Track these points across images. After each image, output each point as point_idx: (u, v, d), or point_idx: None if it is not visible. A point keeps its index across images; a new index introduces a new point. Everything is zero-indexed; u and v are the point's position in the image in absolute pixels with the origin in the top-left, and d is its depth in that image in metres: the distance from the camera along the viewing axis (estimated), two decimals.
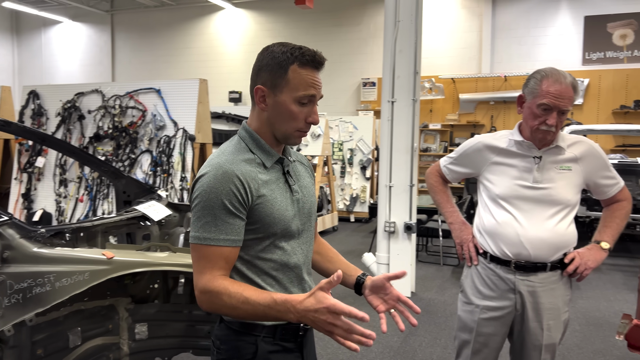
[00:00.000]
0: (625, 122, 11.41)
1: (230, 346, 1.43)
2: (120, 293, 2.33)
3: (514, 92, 12.30)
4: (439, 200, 2.35)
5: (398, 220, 5.12)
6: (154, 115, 5.70)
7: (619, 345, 4.07)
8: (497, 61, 12.71)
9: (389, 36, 5.16)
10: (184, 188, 5.50)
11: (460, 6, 13.07)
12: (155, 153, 5.66)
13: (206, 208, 1.32)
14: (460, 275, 6.09)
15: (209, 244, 1.33)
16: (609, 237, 2.11)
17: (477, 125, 12.81)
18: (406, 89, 5.07)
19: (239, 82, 15.17)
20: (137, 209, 2.71)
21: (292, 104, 1.39)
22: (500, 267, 2.11)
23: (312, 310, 1.23)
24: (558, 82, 1.94)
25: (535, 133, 2.02)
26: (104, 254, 1.96)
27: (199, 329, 2.36)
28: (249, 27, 15.28)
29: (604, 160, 2.11)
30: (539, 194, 2.04)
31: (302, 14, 14.08)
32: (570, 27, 12.14)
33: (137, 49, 16.56)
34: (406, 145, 5.08)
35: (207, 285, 1.32)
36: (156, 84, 5.79)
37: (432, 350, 3.93)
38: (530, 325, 2.10)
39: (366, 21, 13.78)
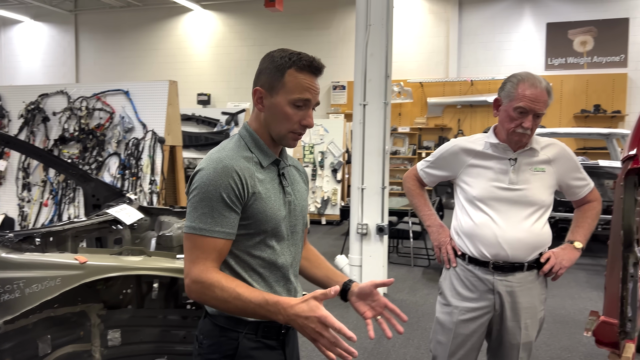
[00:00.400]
0: (586, 125, 11.79)
1: (212, 341, 1.46)
2: (92, 299, 2.27)
3: (480, 96, 12.57)
4: (417, 203, 2.38)
5: (370, 222, 5.15)
6: (122, 117, 5.58)
7: (584, 342, 4.19)
8: (464, 66, 12.97)
9: (360, 40, 5.19)
10: (153, 191, 5.41)
11: (427, 11, 13.29)
12: (124, 156, 5.54)
13: (204, 200, 1.36)
14: (430, 276, 6.20)
15: (204, 235, 1.36)
16: (581, 237, 2.18)
17: (445, 128, 13.03)
18: (377, 92, 5.11)
19: (207, 85, 15.03)
20: (109, 212, 2.64)
21: (286, 106, 1.44)
22: (478, 268, 2.14)
23: (302, 317, 1.27)
24: (534, 86, 2.00)
25: (511, 135, 2.07)
26: (76, 259, 1.90)
27: (174, 334, 2.32)
28: (217, 29, 15.15)
29: (575, 162, 2.18)
30: (515, 195, 2.09)
31: (272, 17, 14.05)
32: (533, 33, 12.49)
33: (102, 49, 16.21)
34: (378, 148, 5.11)
35: (200, 275, 1.35)
36: (124, 85, 5.68)
37: (406, 351, 3.96)
38: (509, 324, 2.14)
39: (336, 25, 13.86)
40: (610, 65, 11.94)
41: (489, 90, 12.60)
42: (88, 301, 2.25)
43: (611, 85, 11.82)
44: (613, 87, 11.83)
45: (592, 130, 8.47)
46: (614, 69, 11.89)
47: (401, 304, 5.08)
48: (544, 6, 12.35)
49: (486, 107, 12.69)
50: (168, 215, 3.48)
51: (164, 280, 2.30)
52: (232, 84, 14.93)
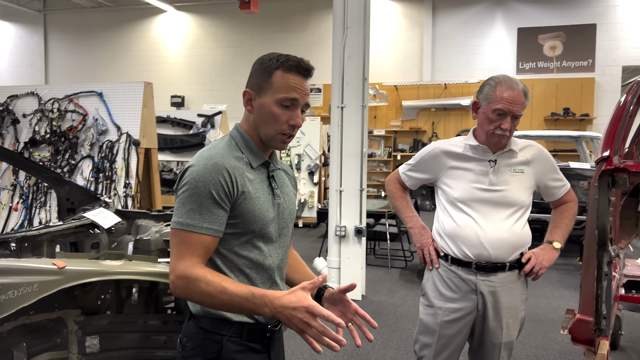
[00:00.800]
0: (556, 128, 12.08)
1: (195, 344, 1.44)
2: (69, 305, 2.21)
3: (453, 99, 12.75)
4: (399, 206, 2.40)
5: (349, 224, 5.16)
6: (95, 119, 5.47)
7: (559, 340, 4.28)
8: (438, 69, 13.14)
9: (337, 43, 5.21)
10: (128, 195, 5.31)
11: (401, 15, 13.42)
12: (97, 159, 5.44)
13: (193, 196, 1.36)
14: (408, 277, 6.24)
15: (192, 231, 1.35)
16: (560, 237, 2.22)
17: (419, 131, 13.17)
18: (355, 95, 5.14)
19: (181, 87, 14.87)
20: (86, 216, 2.58)
21: (273, 106, 1.44)
22: (461, 269, 2.16)
23: (290, 308, 1.26)
24: (511, 88, 2.04)
25: (490, 137, 2.10)
26: (54, 264, 1.85)
27: (154, 340, 2.28)
28: (191, 30, 15.01)
29: (552, 164, 2.23)
30: (495, 196, 2.12)
31: (247, 19, 14.00)
32: (504, 38, 12.73)
33: (72, 50, 15.88)
34: (356, 150, 5.14)
35: (185, 271, 1.34)
36: (98, 86, 5.57)
37: (385, 352, 3.98)
38: (491, 324, 2.17)
39: (311, 28, 13.88)
40: (578, 70, 12.25)
41: (462, 93, 12.80)
42: (65, 307, 2.20)
43: (579, 89, 12.13)
44: (581, 91, 12.14)
45: (563, 133, 8.68)
46: (582, 74, 12.21)
47: (379, 306, 5.10)
48: (515, 11, 12.61)
49: (459, 110, 12.88)
50: (145, 219, 3.43)
51: (144, 285, 2.26)
52: (207, 86, 14.81)
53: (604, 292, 2.63)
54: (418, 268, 6.57)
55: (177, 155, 6.90)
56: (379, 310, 4.95)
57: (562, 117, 12.14)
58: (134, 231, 3.36)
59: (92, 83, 5.64)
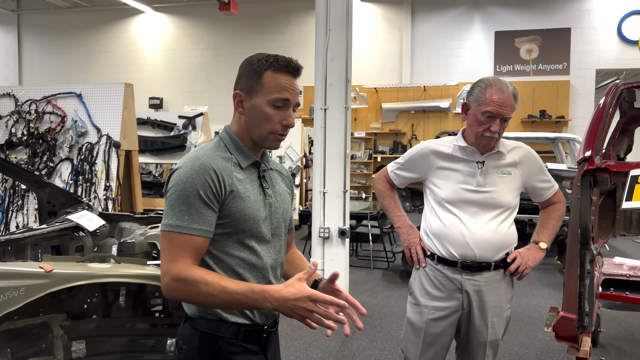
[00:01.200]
0: (533, 130, 12.29)
1: (192, 346, 1.44)
2: (55, 309, 2.17)
3: (432, 101, 12.88)
4: (387, 205, 2.41)
5: (332, 226, 5.17)
6: (74, 121, 5.38)
7: (540, 338, 4.35)
8: (417, 72, 13.26)
9: (320, 44, 5.22)
10: (109, 198, 5.23)
11: (381, 18, 13.51)
12: (77, 161, 5.34)
13: (181, 197, 1.36)
14: (390, 278, 6.28)
15: (182, 232, 1.35)
16: (546, 238, 2.26)
17: (399, 133, 13.27)
18: (338, 96, 5.15)
19: (160, 88, 14.71)
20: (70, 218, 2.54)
21: (266, 107, 1.45)
22: (447, 268, 2.18)
23: (292, 299, 1.30)
24: (501, 90, 2.07)
25: (480, 139, 2.13)
26: (41, 267, 1.82)
27: (142, 344, 2.25)
28: (170, 32, 14.87)
29: (540, 165, 2.26)
30: (482, 197, 2.14)
31: (227, 20, 13.92)
32: (482, 41, 12.91)
33: (47, 52, 15.59)
34: (339, 152, 5.15)
35: (181, 273, 1.33)
36: (77, 88, 5.48)
37: (370, 353, 3.99)
38: (476, 323, 2.19)
39: (291, 30, 13.87)
40: (554, 73, 12.49)
41: (441, 96, 12.94)
42: (50, 312, 2.15)
43: (555, 91, 12.37)
44: (557, 93, 12.38)
45: (540, 135, 8.83)
46: (558, 77, 12.45)
47: (363, 306, 5.11)
48: (492, 15, 12.81)
49: (438, 112, 13.01)
50: (129, 221, 3.38)
51: (132, 288, 2.23)
52: (186, 88, 14.68)
53: (587, 290, 2.69)
54: (400, 269, 6.61)
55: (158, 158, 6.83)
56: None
57: (538, 119, 12.36)
58: (118, 234, 3.31)
59: (67, 84, 5.54)
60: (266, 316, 1.51)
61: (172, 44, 14.85)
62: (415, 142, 13.13)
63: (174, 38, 14.84)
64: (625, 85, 3.21)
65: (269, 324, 1.51)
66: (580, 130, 12.01)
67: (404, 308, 5.00)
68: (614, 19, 12.21)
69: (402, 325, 4.51)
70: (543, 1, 12.52)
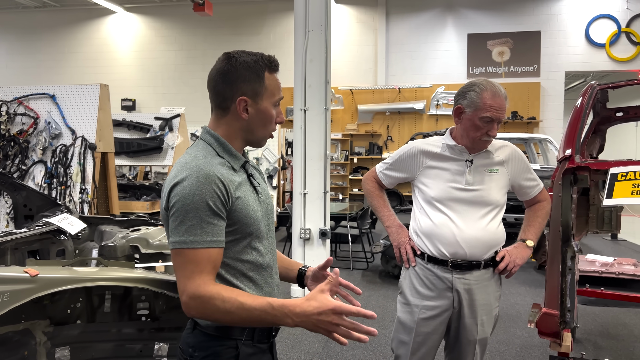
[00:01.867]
0: (505, 130, 12.51)
1: (207, 353, 1.41)
2: (37, 315, 2.10)
3: (407, 103, 13.01)
4: (376, 204, 2.41)
5: (313, 227, 5.16)
6: (47, 122, 5.25)
7: (518, 335, 4.42)
8: (392, 74, 13.37)
9: (299, 45, 5.22)
10: (84, 201, 5.12)
11: (355, 20, 13.58)
12: (50, 164, 5.21)
13: (191, 211, 1.31)
14: (370, 278, 6.31)
15: (196, 247, 1.31)
16: (532, 236, 2.29)
17: (375, 134, 13.35)
18: (318, 97, 5.16)
19: (132, 90, 14.49)
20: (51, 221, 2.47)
21: (272, 109, 1.47)
22: (437, 267, 2.20)
23: (315, 314, 1.25)
24: (497, 95, 2.08)
25: (477, 143, 2.14)
26: (26, 272, 1.76)
27: (129, 349, 2.20)
28: (142, 32, 14.65)
29: (526, 164, 2.30)
30: (471, 195, 2.16)
31: (201, 21, 13.80)
32: (455, 43, 13.11)
33: (14, 52, 15.19)
34: (319, 153, 5.15)
35: (197, 290, 1.30)
36: (50, 88, 5.35)
37: (354, 353, 3.99)
38: (466, 321, 2.21)
39: (266, 31, 13.83)
40: (525, 75, 12.76)
41: (416, 97, 13.07)
42: (33, 318, 2.08)
43: (526, 93, 12.63)
44: (528, 95, 12.64)
45: (513, 135, 9.00)
46: (529, 78, 12.72)
47: None
48: (465, 18, 13.01)
49: (413, 114, 13.14)
50: (109, 224, 3.31)
51: (117, 292, 2.18)
52: (159, 89, 14.49)
53: (568, 286, 2.75)
54: (379, 269, 6.64)
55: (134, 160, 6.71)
56: None
57: (510, 120, 12.60)
58: (97, 237, 3.24)
59: (36, 85, 5.40)
60: None
61: (144, 44, 14.64)
62: (390, 143, 13.24)
63: (147, 39, 14.63)
64: (601, 86, 3.30)
65: None
66: (550, 130, 12.30)
67: (385, 308, 5.07)
68: (582, 23, 12.55)
69: (385, 325, 4.56)
70: (514, 4, 12.78)
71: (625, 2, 12.41)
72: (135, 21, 14.70)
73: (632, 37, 12.40)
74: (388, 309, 5.08)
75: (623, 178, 2.39)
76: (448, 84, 12.89)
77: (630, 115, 3.70)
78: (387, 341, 4.22)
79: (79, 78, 14.42)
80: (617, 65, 12.56)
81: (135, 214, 3.66)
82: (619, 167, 2.44)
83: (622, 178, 2.39)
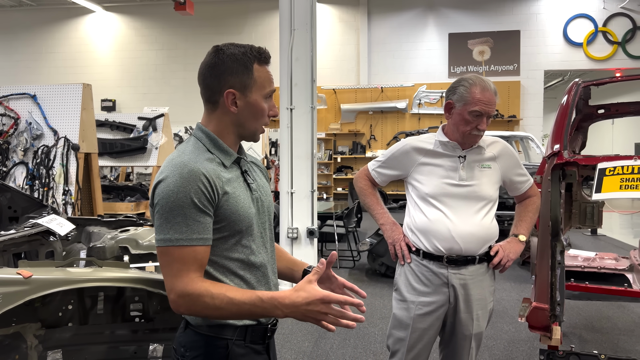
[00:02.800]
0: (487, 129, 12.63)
1: (198, 352, 1.39)
2: (28, 318, 2.06)
3: (389, 102, 13.08)
4: (369, 202, 2.41)
5: (300, 226, 5.16)
6: (29, 123, 5.14)
7: (506, 330, 4.48)
8: (374, 73, 13.42)
9: (284, 44, 5.21)
10: (68, 202, 5.03)
11: (337, 19, 13.61)
12: (32, 165, 5.11)
13: (175, 208, 1.30)
14: (357, 277, 6.32)
15: (182, 245, 1.29)
16: (524, 230, 2.32)
17: (358, 133, 13.39)
18: (304, 96, 5.15)
19: (112, 90, 14.30)
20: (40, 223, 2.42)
21: (262, 101, 1.44)
22: (433, 263, 2.21)
23: (304, 304, 1.26)
24: (486, 89, 2.12)
25: (467, 137, 2.17)
26: (19, 273, 1.72)
27: (123, 350, 2.16)
28: (122, 32, 14.47)
29: (517, 159, 2.33)
30: (465, 191, 2.18)
31: (181, 21, 13.68)
32: (437, 42, 13.22)
33: None
34: (306, 152, 5.15)
35: (185, 288, 1.29)
36: (31, 88, 5.24)
37: (344, 352, 4.00)
38: (462, 316, 2.23)
39: (248, 30, 13.76)
40: (505, 74, 12.92)
41: (398, 96, 13.14)
42: (24, 321, 2.04)
43: (507, 92, 12.79)
44: (508, 93, 12.81)
45: (495, 133, 9.12)
46: (509, 77, 12.88)
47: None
48: (446, 17, 13.12)
49: (396, 113, 13.21)
50: (97, 225, 3.26)
51: (110, 293, 2.15)
52: (140, 89, 14.32)
53: (558, 280, 2.80)
54: (366, 267, 6.66)
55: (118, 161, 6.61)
56: None
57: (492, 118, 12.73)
58: (85, 239, 3.19)
59: (22, 85, 5.30)
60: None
61: (124, 44, 14.46)
62: (373, 142, 13.29)
63: (127, 38, 14.45)
64: (585, 83, 3.36)
65: (272, 322, 1.50)
66: (530, 128, 12.48)
67: (373, 306, 5.08)
68: (560, 22, 12.75)
69: (373, 322, 4.58)
70: (494, 4, 12.93)
71: (602, 1, 12.65)
72: (115, 20, 14.51)
73: (608, 36, 12.64)
74: (376, 307, 5.09)
75: (611, 173, 2.43)
76: (430, 83, 12.99)
77: (611, 112, 3.78)
78: (376, 339, 4.24)
79: (58, 78, 14.18)
80: (595, 64, 12.80)
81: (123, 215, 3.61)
82: (607, 162, 2.48)
83: (610, 173, 2.44)
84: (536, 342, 4.07)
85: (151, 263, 2.92)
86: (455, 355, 2.31)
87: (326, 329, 1.29)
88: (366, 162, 12.66)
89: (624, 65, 12.72)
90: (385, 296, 5.43)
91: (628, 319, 4.74)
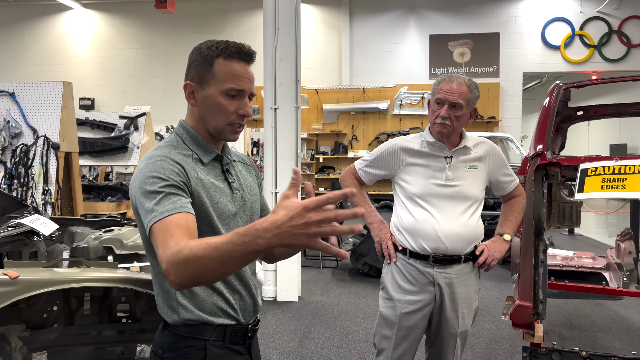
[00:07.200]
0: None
1: (177, 353, 1.38)
2: (12, 319, 2.02)
3: (371, 103, 13.13)
4: (356, 201, 2.43)
5: None
6: (7, 121, 5.04)
7: (487, 327, 4.54)
8: (356, 74, 13.46)
9: (269, 44, 5.20)
10: (47, 202, 4.95)
11: (319, 20, 13.62)
12: (10, 164, 5.01)
13: (149, 190, 1.28)
14: (340, 276, 6.35)
15: (164, 217, 1.22)
16: (509, 230, 2.36)
17: (340, 134, 13.41)
18: (288, 96, 5.15)
19: (91, 89, 14.08)
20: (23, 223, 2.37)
21: (219, 97, 1.39)
22: (419, 262, 2.24)
23: (286, 221, 1.01)
24: (450, 80, 2.21)
25: (433, 127, 2.24)
26: (5, 274, 1.69)
27: (110, 351, 2.14)
28: (101, 29, 14.25)
29: (503, 159, 2.37)
30: (451, 191, 2.22)
31: (162, 19, 13.53)
32: (417, 44, 13.31)
33: None
34: (290, 152, 5.15)
35: (170, 251, 1.16)
36: (9, 86, 5.14)
37: (329, 351, 4.01)
38: (448, 315, 2.26)
39: (229, 29, 13.68)
40: (485, 75, 13.07)
41: (379, 97, 13.20)
42: (7, 322, 2.00)
43: (486, 93, 12.94)
44: (488, 95, 12.96)
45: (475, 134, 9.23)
46: (488, 79, 13.04)
47: (316, 306, 5.14)
48: (427, 19, 13.23)
49: (377, 114, 13.27)
50: (80, 225, 3.22)
51: (96, 293, 2.12)
52: (119, 88, 14.13)
53: (541, 278, 2.85)
54: (349, 267, 6.69)
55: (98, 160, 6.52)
56: (316, 311, 4.98)
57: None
58: (68, 239, 3.14)
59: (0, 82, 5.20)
60: (249, 315, 1.49)
61: (103, 42, 14.25)
62: (355, 142, 13.33)
63: (106, 36, 14.24)
64: (566, 85, 3.43)
65: (252, 322, 1.49)
66: (510, 129, 12.65)
67: (357, 305, 5.11)
68: (538, 25, 12.96)
69: (357, 321, 4.60)
70: (474, 6, 13.08)
71: (579, 5, 12.90)
72: (93, 18, 14.29)
73: (585, 39, 12.89)
74: (360, 306, 5.12)
75: (593, 173, 2.49)
76: (411, 84, 13.08)
77: (590, 114, 3.86)
78: (360, 338, 4.26)
79: (35, 76, 13.91)
80: (572, 67, 13.03)
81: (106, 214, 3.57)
82: (589, 163, 2.54)
83: (592, 173, 2.49)
84: (517, 340, 4.14)
85: (136, 263, 2.89)
86: (441, 353, 2.35)
87: (327, 251, 1.03)
88: (348, 162, 12.69)
89: (599, 68, 12.98)
90: (369, 295, 5.46)
91: (605, 317, 4.85)
